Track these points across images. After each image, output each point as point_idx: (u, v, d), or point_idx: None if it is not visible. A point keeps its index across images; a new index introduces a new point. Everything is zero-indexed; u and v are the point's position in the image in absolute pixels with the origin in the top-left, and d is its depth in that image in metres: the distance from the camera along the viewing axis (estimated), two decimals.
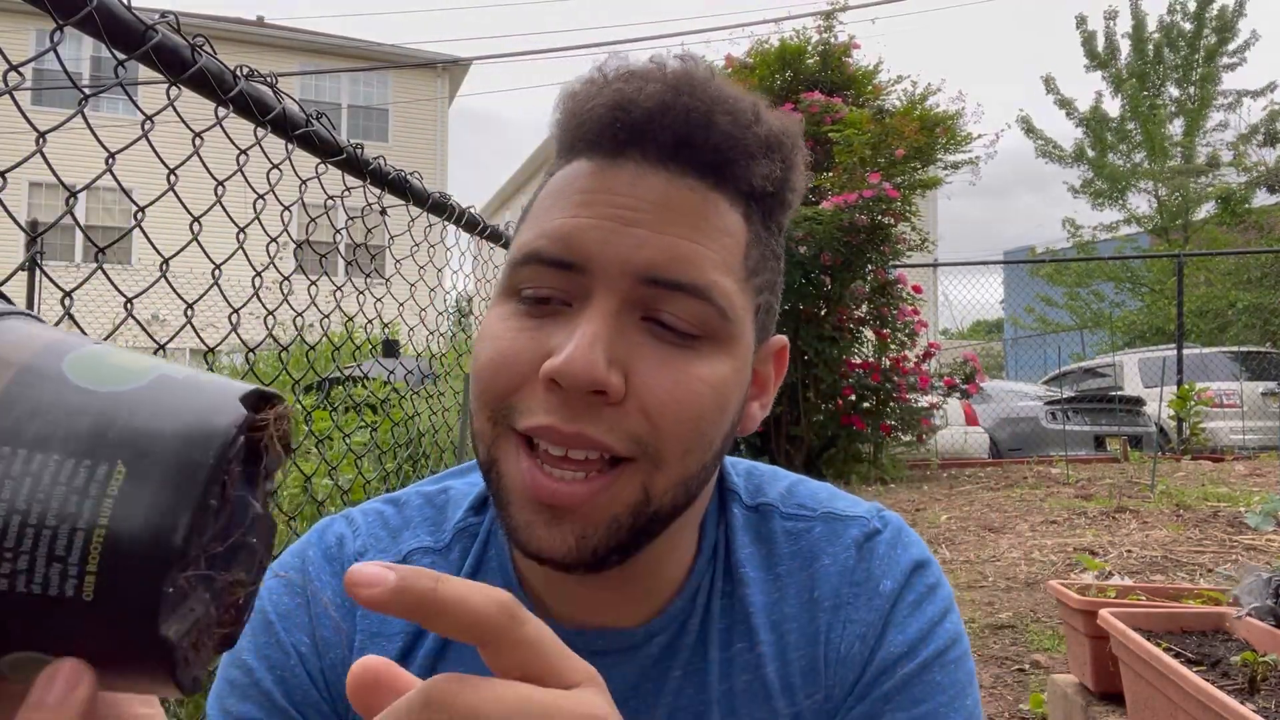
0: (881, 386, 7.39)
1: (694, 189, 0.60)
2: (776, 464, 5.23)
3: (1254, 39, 18.00)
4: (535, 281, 0.60)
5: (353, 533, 0.72)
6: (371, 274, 2.47)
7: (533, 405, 0.58)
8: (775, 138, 0.63)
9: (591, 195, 0.60)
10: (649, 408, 0.57)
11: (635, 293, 0.58)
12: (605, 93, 0.62)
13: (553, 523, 0.57)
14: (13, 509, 0.28)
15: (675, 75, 0.61)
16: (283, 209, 1.83)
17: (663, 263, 0.58)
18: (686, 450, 0.59)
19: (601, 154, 0.62)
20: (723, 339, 0.61)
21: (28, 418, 0.29)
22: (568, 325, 0.58)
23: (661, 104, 0.60)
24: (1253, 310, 15.45)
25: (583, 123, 0.62)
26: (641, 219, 0.59)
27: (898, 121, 7.52)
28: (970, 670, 0.69)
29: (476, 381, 0.61)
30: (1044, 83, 18.83)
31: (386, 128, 20.60)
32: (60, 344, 0.31)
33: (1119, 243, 19.47)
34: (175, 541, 0.28)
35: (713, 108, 0.60)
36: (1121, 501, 5.32)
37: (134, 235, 1.51)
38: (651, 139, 0.60)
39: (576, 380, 0.55)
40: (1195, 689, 1.52)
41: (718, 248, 0.61)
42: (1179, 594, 2.24)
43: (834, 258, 7.05)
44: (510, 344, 0.59)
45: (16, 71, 1.14)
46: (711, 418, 0.60)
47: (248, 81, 1.62)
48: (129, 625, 0.28)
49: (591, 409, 0.56)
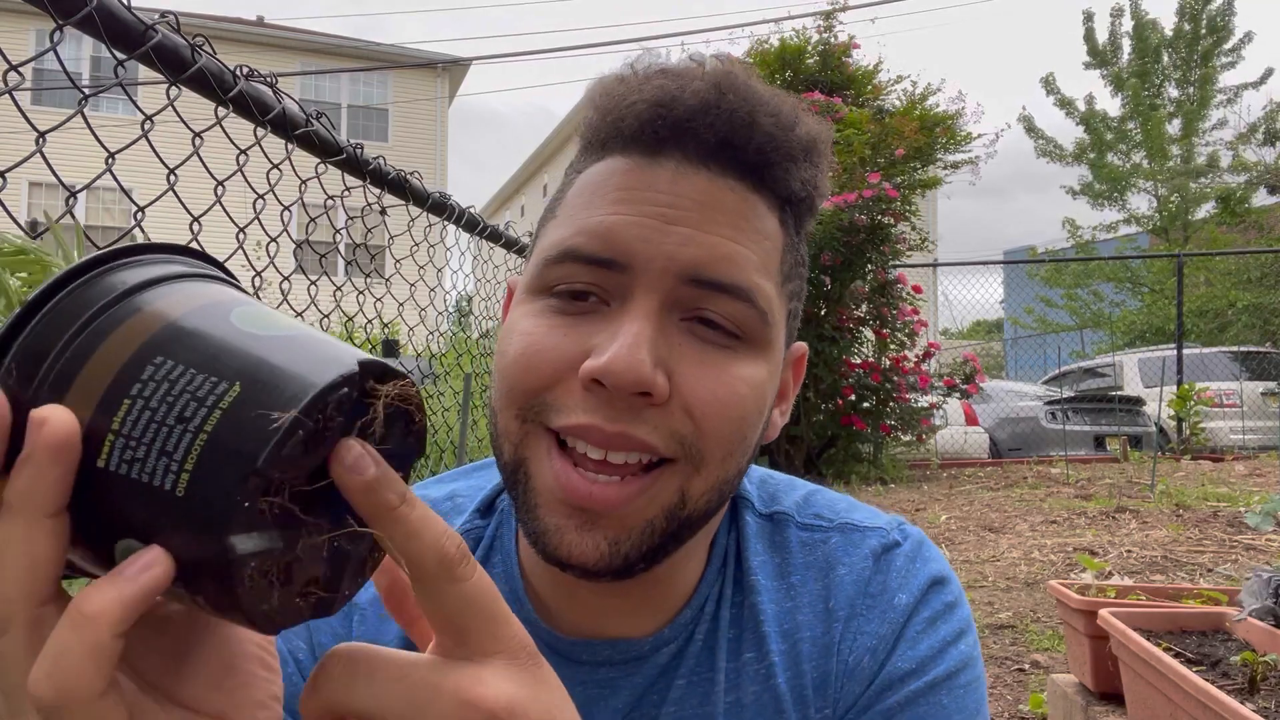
0: (881, 386, 7.39)
1: (735, 190, 0.59)
2: (776, 464, 5.25)
3: (1248, 38, 18.03)
4: (572, 279, 0.58)
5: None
6: (371, 274, 2.47)
7: (570, 404, 0.56)
8: (813, 142, 0.62)
9: (631, 192, 0.58)
10: (693, 408, 0.56)
11: (677, 292, 0.57)
12: (646, 89, 0.60)
13: (585, 527, 0.56)
14: (146, 406, 0.32)
15: (717, 74, 0.60)
16: (283, 209, 1.83)
17: (707, 262, 0.57)
18: (727, 453, 0.58)
19: (640, 151, 0.60)
20: (760, 343, 0.60)
21: (186, 337, 0.34)
22: (608, 324, 0.57)
23: (705, 102, 0.58)
24: (1253, 310, 15.45)
25: (621, 118, 0.60)
26: (684, 217, 0.57)
27: (897, 121, 7.53)
28: (981, 698, 0.67)
29: (504, 378, 0.59)
30: (1044, 83, 18.84)
31: (386, 128, 20.60)
32: (235, 299, 0.37)
33: (1119, 243, 19.48)
34: (259, 459, 0.31)
35: (756, 108, 0.59)
36: (1121, 501, 5.32)
37: (134, 235, 1.51)
38: (694, 137, 0.59)
39: (622, 381, 0.53)
40: (1195, 689, 1.52)
41: (758, 250, 0.60)
42: (1179, 594, 2.24)
43: (834, 258, 7.05)
44: (544, 339, 0.58)
45: (16, 71, 1.14)
46: (752, 420, 0.59)
47: (248, 81, 1.62)
48: (205, 525, 0.32)
49: (634, 410, 0.55)
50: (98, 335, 0.34)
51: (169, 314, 0.35)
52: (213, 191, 1.56)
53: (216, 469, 0.32)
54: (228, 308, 0.36)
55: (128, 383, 0.33)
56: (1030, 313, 18.40)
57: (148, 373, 0.33)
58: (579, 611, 0.65)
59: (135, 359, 0.33)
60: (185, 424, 0.32)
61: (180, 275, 0.38)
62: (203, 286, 0.38)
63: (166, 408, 0.32)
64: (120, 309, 0.35)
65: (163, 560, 0.32)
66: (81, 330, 0.34)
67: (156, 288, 0.36)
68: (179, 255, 0.39)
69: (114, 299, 0.35)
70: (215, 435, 0.32)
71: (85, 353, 0.34)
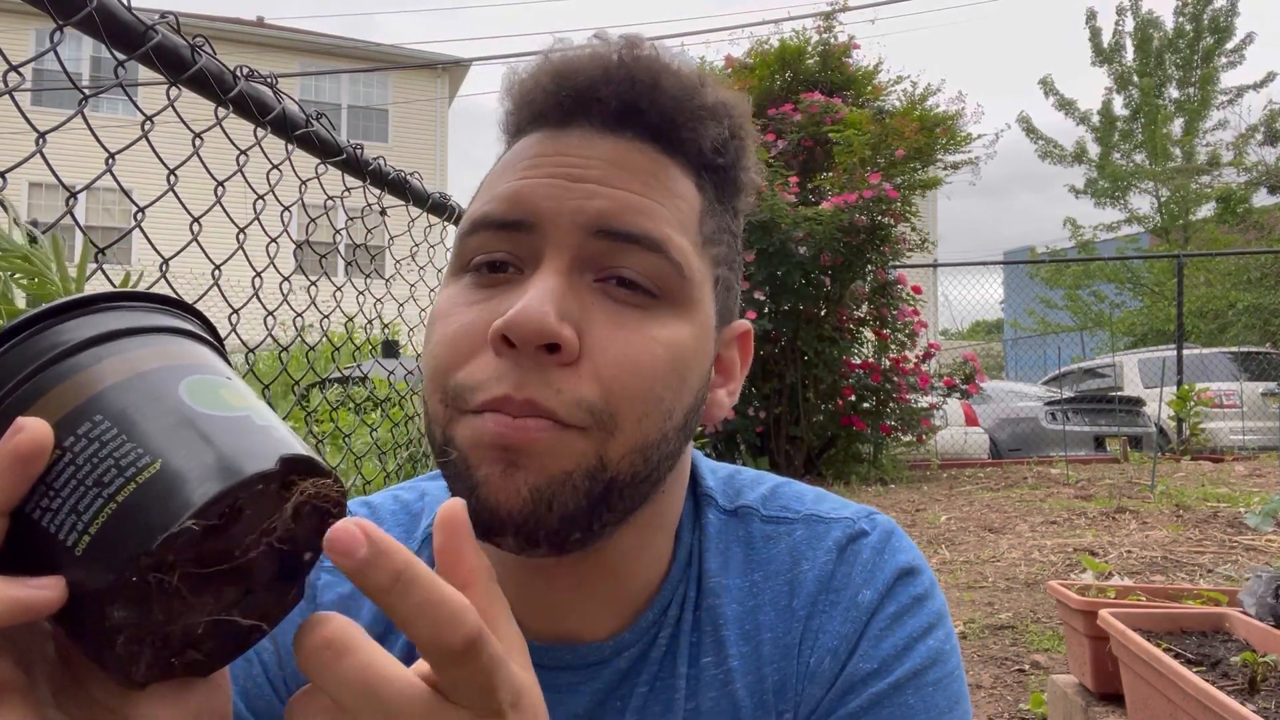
0: (881, 387, 7.39)
1: (644, 152, 0.59)
2: (776, 464, 5.23)
3: (1249, 39, 18.05)
4: (485, 248, 0.58)
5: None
6: (371, 274, 2.47)
7: (483, 379, 0.54)
8: (722, 105, 0.62)
9: (541, 158, 0.59)
10: (601, 369, 0.54)
11: (587, 248, 0.56)
12: (547, 67, 0.62)
13: (508, 472, 0.53)
14: (72, 461, 0.34)
15: (617, 45, 0.61)
16: (283, 209, 1.83)
17: (615, 212, 0.56)
18: (642, 414, 0.55)
19: (550, 125, 0.61)
20: (680, 301, 0.58)
21: (129, 399, 0.35)
22: (519, 289, 0.56)
23: (605, 70, 0.59)
24: (1253, 311, 15.45)
25: (530, 100, 0.62)
26: (591, 175, 0.57)
27: (898, 122, 7.52)
28: (956, 693, 0.63)
29: (430, 362, 0.58)
30: (1043, 84, 18.84)
31: (386, 128, 20.59)
32: (195, 365, 0.38)
33: (1120, 243, 19.49)
34: (153, 543, 0.32)
35: (658, 73, 0.60)
36: (1121, 502, 5.32)
37: (134, 235, 1.50)
38: (598, 103, 0.59)
39: (525, 332, 0.52)
40: (1195, 689, 1.52)
41: (671, 207, 0.59)
42: (1179, 594, 2.24)
43: (834, 258, 7.05)
44: (461, 315, 0.57)
45: (16, 72, 1.14)
46: (668, 380, 0.56)
47: (248, 82, 1.62)
48: (91, 589, 0.33)
49: (542, 371, 0.53)
50: (52, 379, 0.35)
51: (122, 372, 0.36)
52: (213, 192, 1.56)
53: (115, 540, 0.33)
54: (181, 375, 0.37)
55: (63, 434, 0.34)
56: (1032, 315, 18.41)
57: (84, 428, 0.34)
58: (535, 611, 0.63)
59: (77, 411, 0.34)
60: (100, 489, 0.33)
61: (153, 329, 0.38)
62: (171, 345, 0.38)
63: (90, 468, 0.33)
64: (81, 358, 0.36)
65: (59, 591, 0.33)
66: (37, 372, 0.35)
67: (123, 340, 0.37)
68: (162, 305, 0.40)
69: (77, 345, 0.36)
70: (123, 507, 0.33)
71: (34, 395, 0.35)
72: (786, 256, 6.89)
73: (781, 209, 6.83)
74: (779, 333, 7.21)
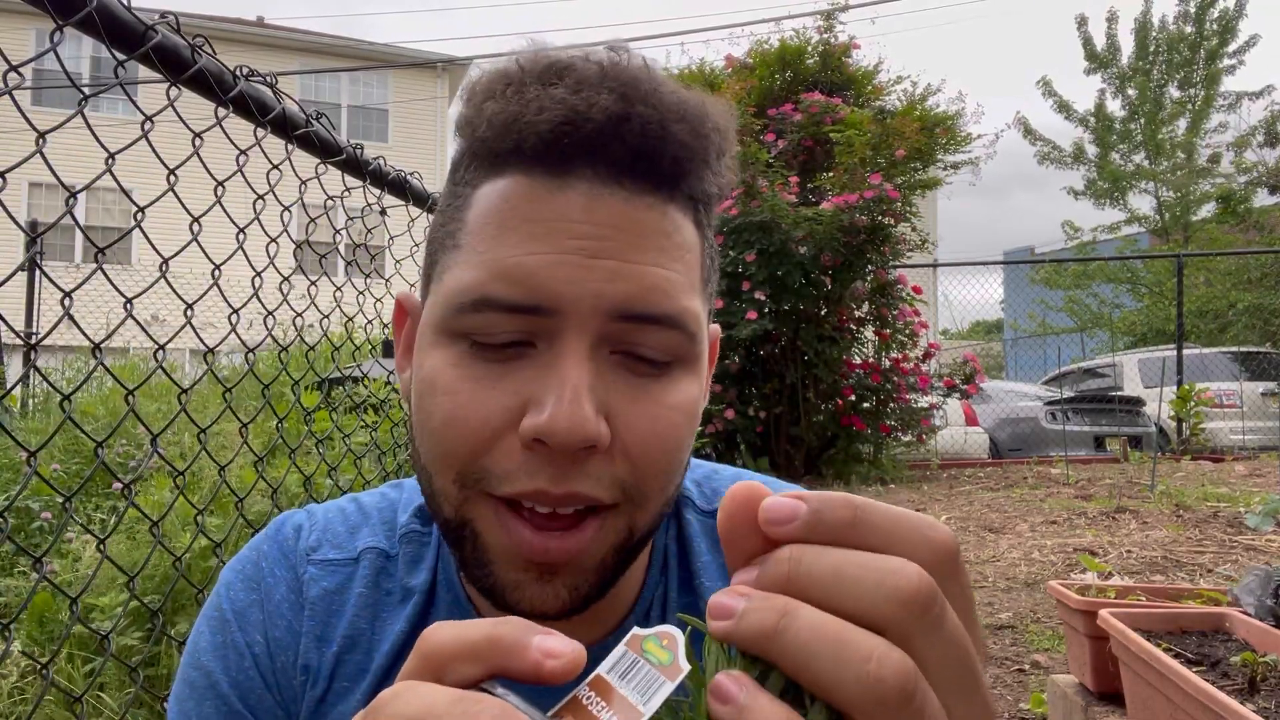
0: (881, 387, 7.39)
1: (653, 206, 0.55)
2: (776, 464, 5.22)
3: (1253, 41, 18.03)
4: (493, 328, 0.54)
5: (310, 525, 0.70)
6: (371, 274, 2.47)
7: (511, 468, 0.53)
8: (723, 138, 0.59)
9: (545, 224, 0.54)
10: (631, 449, 0.54)
11: (607, 329, 0.54)
12: (545, 102, 0.54)
13: (544, 580, 0.54)
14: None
15: (621, 81, 0.54)
16: (283, 209, 1.83)
17: (637, 295, 0.54)
18: (668, 482, 0.57)
19: (544, 171, 0.55)
20: (690, 361, 0.58)
21: None
22: (539, 371, 0.53)
23: (614, 116, 0.53)
24: (1253, 311, 15.44)
25: (522, 136, 0.54)
26: (607, 248, 0.53)
27: (898, 122, 7.53)
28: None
29: (436, 441, 0.55)
30: (1042, 85, 18.83)
31: (386, 128, 20.60)
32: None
33: (1119, 243, 19.49)
34: None
35: (666, 116, 0.55)
36: (1121, 502, 5.32)
37: (134, 235, 1.51)
38: (604, 155, 0.54)
39: (569, 441, 0.51)
40: (1195, 689, 1.52)
41: (683, 268, 0.57)
42: (1179, 594, 2.24)
43: (834, 258, 7.05)
44: (473, 397, 0.54)
45: (16, 72, 1.13)
46: (687, 443, 0.58)
47: (247, 81, 1.62)
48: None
49: (577, 464, 0.53)
50: None
51: None
52: (213, 192, 1.56)
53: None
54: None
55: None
56: (1032, 318, 18.41)
57: None
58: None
59: None
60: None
61: None
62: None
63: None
64: None
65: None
66: None
67: None
68: None
69: None
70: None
71: None
72: (787, 256, 6.89)
73: (782, 209, 6.83)
74: (779, 333, 7.21)
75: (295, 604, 0.66)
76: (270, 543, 0.69)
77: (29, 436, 4.48)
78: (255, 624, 0.65)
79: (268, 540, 0.70)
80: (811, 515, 0.32)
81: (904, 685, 0.29)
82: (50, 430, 3.76)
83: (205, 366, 1.73)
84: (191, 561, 2.38)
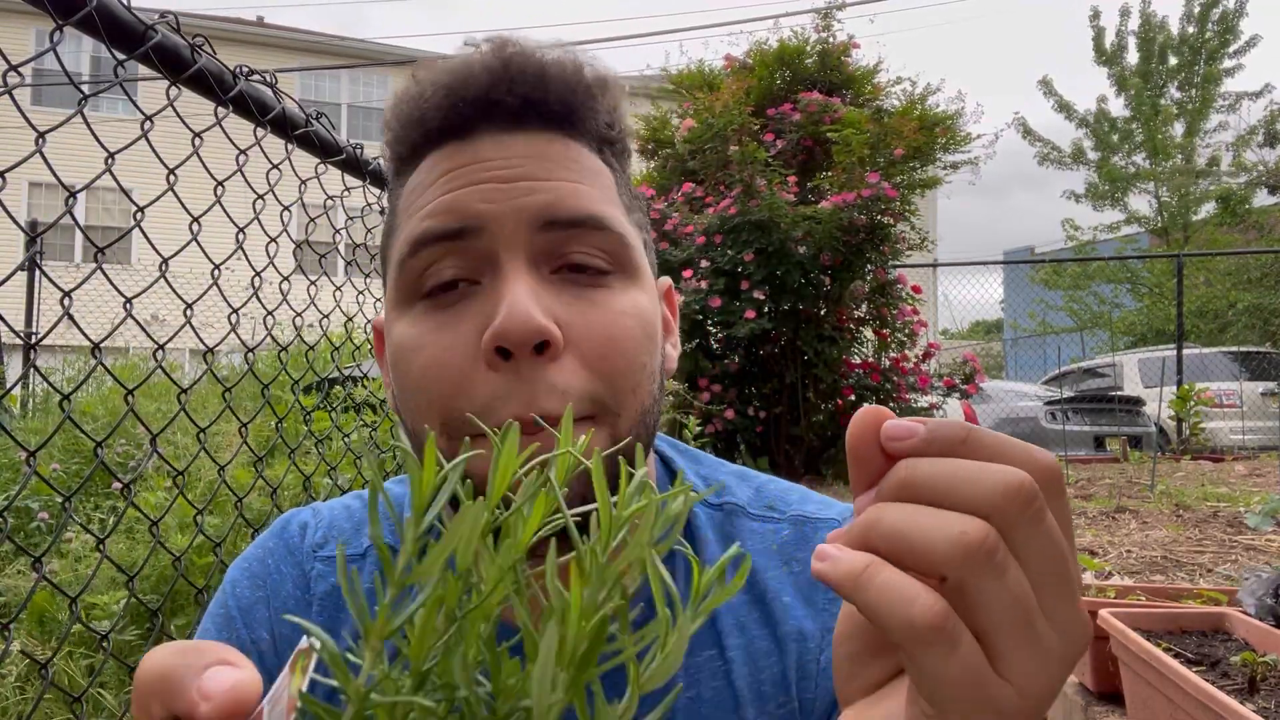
0: (881, 386, 7.39)
1: (553, 141, 0.60)
2: (776, 465, 5.21)
3: (1254, 41, 18.02)
4: (431, 263, 0.58)
5: (315, 522, 0.71)
6: (371, 274, 2.47)
7: (486, 399, 0.55)
8: (604, 81, 0.63)
9: (460, 170, 0.59)
10: (588, 356, 0.56)
11: (538, 242, 0.57)
12: (433, 86, 0.61)
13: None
14: None
15: (495, 46, 0.61)
16: (283, 209, 1.83)
17: (556, 202, 0.58)
18: (635, 385, 0.59)
19: (452, 138, 0.61)
20: (629, 269, 0.61)
21: None
22: (486, 299, 0.56)
23: (494, 72, 0.59)
24: (1253, 310, 15.45)
25: (424, 118, 0.61)
26: (519, 172, 0.58)
27: (896, 121, 7.53)
28: None
29: (417, 394, 0.58)
30: (1042, 85, 18.82)
31: None
32: None
33: (1119, 243, 19.48)
34: None
35: (541, 65, 0.60)
36: (1121, 501, 5.32)
37: (134, 235, 1.51)
38: (496, 106, 0.60)
39: (520, 336, 0.53)
40: (1195, 689, 1.52)
41: (596, 185, 0.61)
42: (1179, 594, 2.24)
43: (833, 258, 7.05)
44: (437, 340, 0.57)
45: (16, 72, 1.13)
46: (642, 345, 0.60)
47: (247, 81, 1.62)
48: None
49: (539, 374, 0.54)
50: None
51: None
52: (212, 192, 1.56)
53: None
54: None
55: None
56: (1033, 318, 18.41)
57: None
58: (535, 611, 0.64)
59: None
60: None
61: None
62: None
63: None
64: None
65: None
66: None
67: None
68: None
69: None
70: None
71: None
72: (786, 256, 6.89)
73: (780, 208, 6.82)
74: (779, 333, 7.21)
75: (303, 600, 0.67)
76: (276, 540, 0.70)
77: (28, 436, 4.48)
78: (261, 621, 0.66)
79: (273, 538, 0.70)
80: (928, 433, 0.35)
81: (989, 545, 0.32)
82: (50, 430, 3.76)
83: (205, 366, 1.73)
84: (190, 561, 2.38)
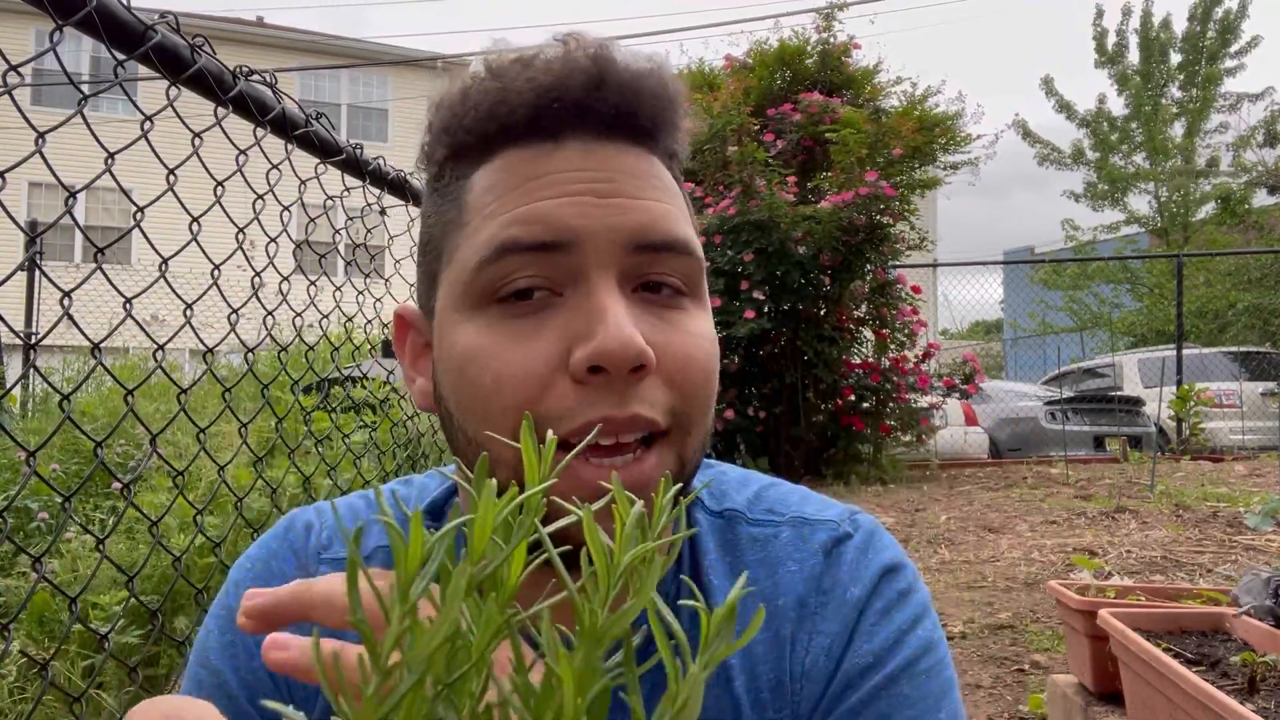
0: (881, 387, 7.39)
1: (639, 156, 0.60)
2: (776, 464, 5.22)
3: (1255, 42, 18.01)
4: (515, 273, 0.56)
5: (320, 523, 0.70)
6: (371, 274, 2.47)
7: (568, 407, 0.54)
8: (680, 94, 0.63)
9: (549, 176, 0.57)
10: (674, 375, 0.57)
11: (626, 262, 0.57)
12: (523, 80, 0.58)
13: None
14: None
15: (590, 54, 0.59)
16: (282, 209, 1.83)
17: (648, 224, 0.57)
18: (705, 409, 0.59)
19: (538, 139, 0.59)
20: (700, 294, 0.61)
21: None
22: (572, 313, 0.55)
23: (593, 79, 0.58)
24: (1253, 311, 15.45)
25: (508, 111, 0.58)
26: (612, 188, 0.57)
27: (895, 121, 7.53)
28: (947, 680, 0.64)
29: (487, 403, 0.56)
30: (1043, 84, 18.82)
31: (386, 128, 20.59)
32: None
33: (1119, 243, 19.49)
34: None
35: (638, 77, 0.60)
36: (1121, 502, 5.32)
37: (133, 235, 1.50)
38: (590, 116, 0.58)
39: (624, 357, 0.53)
40: (1195, 689, 1.52)
41: (677, 204, 0.61)
42: (1178, 594, 2.24)
43: (833, 258, 7.05)
44: (515, 350, 0.55)
45: (16, 72, 1.13)
46: (713, 370, 0.61)
47: (247, 81, 1.62)
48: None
49: (631, 388, 0.54)
50: None
51: None
52: (212, 192, 1.56)
53: None
54: None
55: None
56: (1033, 318, 18.41)
57: None
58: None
59: None
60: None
61: None
62: None
63: None
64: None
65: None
66: None
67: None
68: None
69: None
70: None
71: None
72: (786, 256, 6.89)
73: (780, 208, 6.83)
74: (779, 333, 7.21)
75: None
76: (280, 541, 0.69)
77: (28, 437, 4.48)
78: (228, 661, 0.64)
79: (277, 539, 0.70)
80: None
81: None
82: (50, 430, 3.76)
83: (205, 366, 1.73)
84: (190, 561, 2.38)
